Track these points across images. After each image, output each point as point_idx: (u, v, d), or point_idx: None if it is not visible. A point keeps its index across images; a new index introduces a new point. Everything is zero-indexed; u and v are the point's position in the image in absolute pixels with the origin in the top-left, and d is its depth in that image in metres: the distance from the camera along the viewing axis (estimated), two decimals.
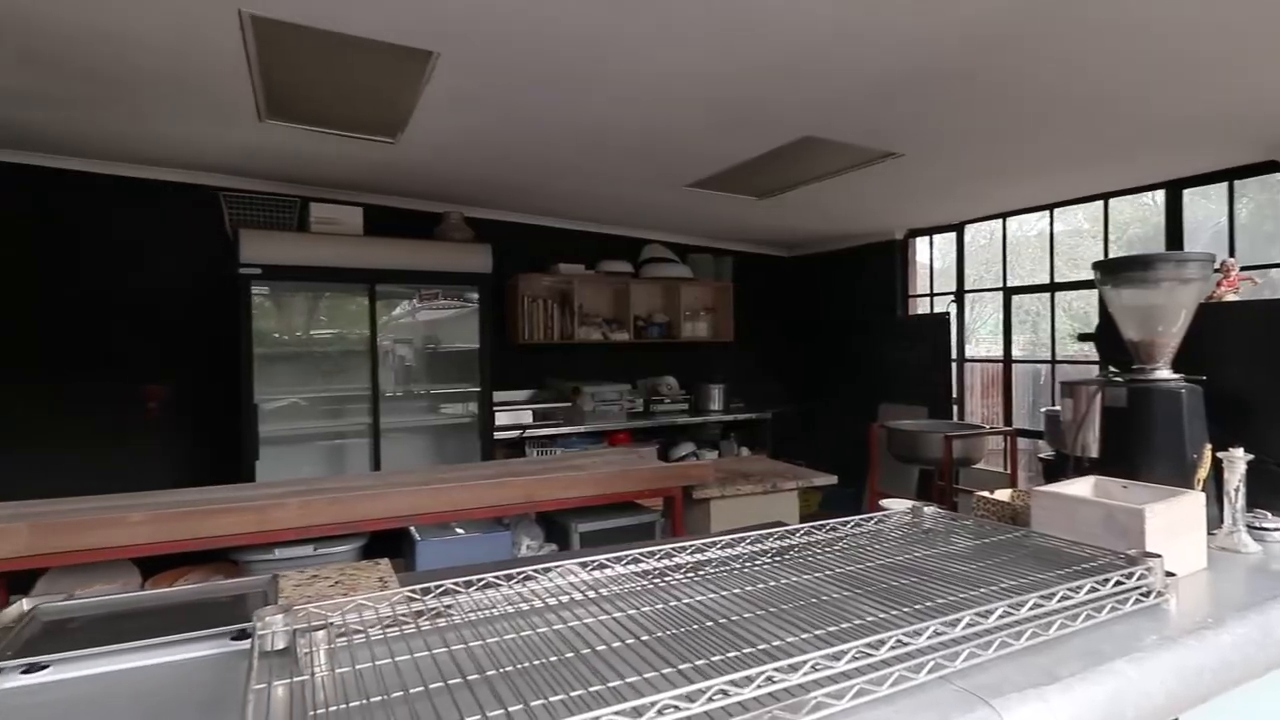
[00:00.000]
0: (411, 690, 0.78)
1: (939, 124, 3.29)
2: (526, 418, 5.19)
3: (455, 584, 1.04)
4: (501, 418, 4.95)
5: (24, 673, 0.95)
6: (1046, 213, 4.98)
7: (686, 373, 6.15)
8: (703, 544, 1.23)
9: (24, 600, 1.08)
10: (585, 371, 5.74)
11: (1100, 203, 4.59)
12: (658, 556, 1.18)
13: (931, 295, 5.91)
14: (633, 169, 4.20)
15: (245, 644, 1.04)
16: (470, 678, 0.80)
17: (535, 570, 1.14)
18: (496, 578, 1.07)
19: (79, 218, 4.18)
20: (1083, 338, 2.05)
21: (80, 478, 4.00)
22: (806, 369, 6.79)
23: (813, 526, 1.35)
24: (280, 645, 0.91)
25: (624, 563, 1.16)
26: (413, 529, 2.71)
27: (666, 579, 1.13)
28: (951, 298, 5.65)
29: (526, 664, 0.84)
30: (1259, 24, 2.32)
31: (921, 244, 5.99)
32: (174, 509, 2.10)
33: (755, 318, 6.58)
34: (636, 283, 5.84)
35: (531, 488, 2.48)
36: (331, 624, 0.93)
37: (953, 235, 5.66)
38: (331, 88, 3.01)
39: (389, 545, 2.90)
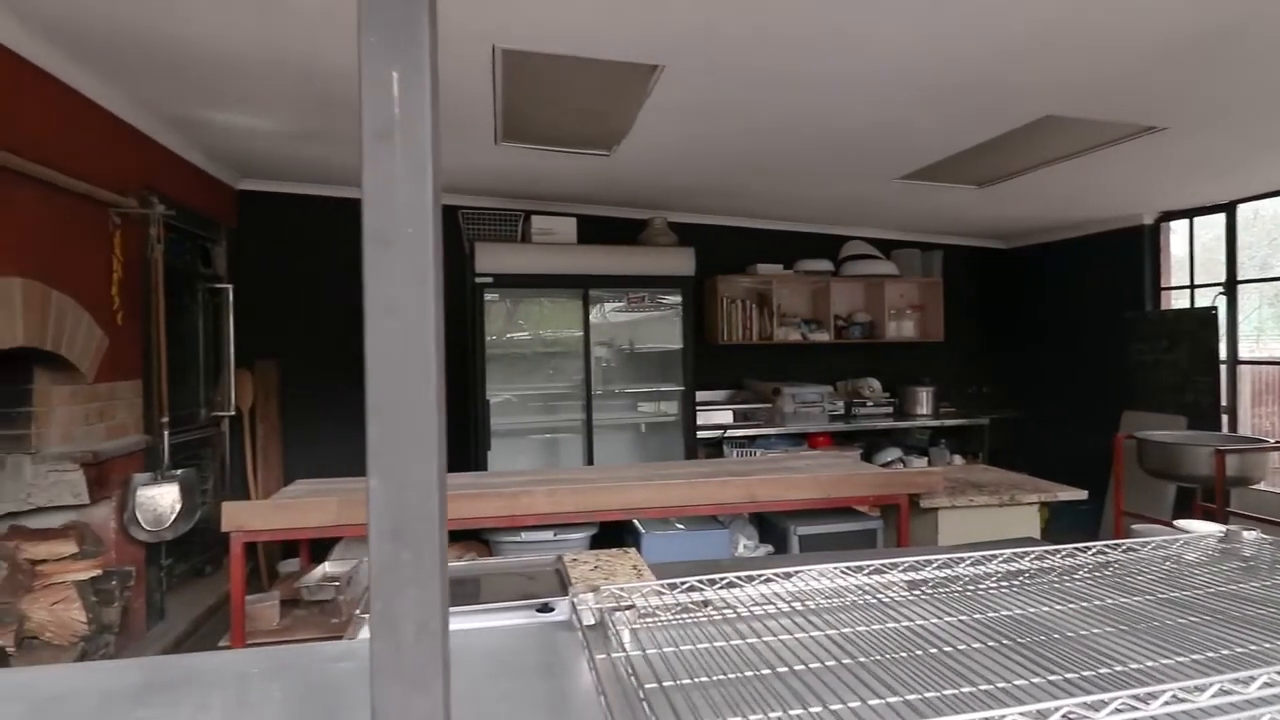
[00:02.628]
0: (729, 675, 0.82)
1: (1214, 90, 2.86)
2: (726, 418, 5.25)
3: (738, 578, 1.08)
4: (700, 417, 5.04)
5: None
6: None
7: (891, 374, 5.86)
8: (983, 556, 1.17)
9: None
10: (783, 372, 5.67)
11: None
12: (935, 565, 1.14)
13: (1192, 286, 5.12)
14: (841, 165, 4.09)
15: (549, 616, 1.16)
16: (780, 670, 0.83)
17: (804, 570, 1.15)
18: (775, 574, 1.10)
19: (350, 236, 4.87)
20: None
21: (342, 461, 4.65)
22: (1029, 371, 6.19)
23: (1105, 546, 1.23)
24: (591, 621, 1.00)
25: (901, 569, 1.13)
26: (637, 521, 2.85)
27: (941, 591, 1.09)
28: (1219, 289, 4.86)
29: (827, 663, 0.86)
30: None
31: (1177, 227, 5.22)
32: None
33: (968, 315, 6.12)
34: (837, 281, 5.67)
35: (753, 487, 2.50)
36: (634, 606, 1.01)
37: (1220, 217, 4.87)
38: (561, 109, 3.24)
39: (613, 536, 3.07)
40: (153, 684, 0.88)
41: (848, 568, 1.14)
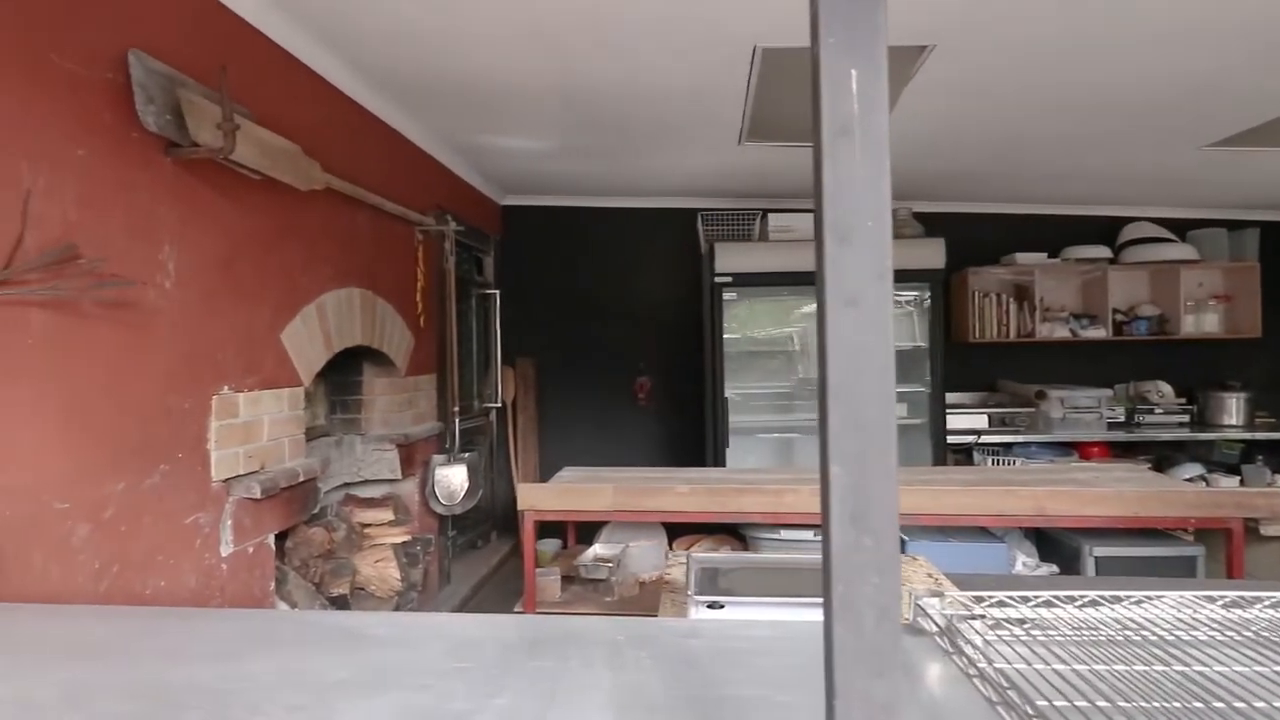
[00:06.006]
0: (1128, 704, 0.74)
1: None
2: (977, 422, 4.83)
3: (1101, 596, 0.98)
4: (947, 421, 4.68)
5: (709, 607, 1.19)
6: None
7: (1186, 377, 5.00)
8: None
9: (693, 554, 1.36)
10: (1046, 374, 5.08)
11: None
12: None
13: None
14: (1131, 136, 3.57)
15: None
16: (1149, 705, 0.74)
17: (1165, 595, 1.01)
18: (1147, 596, 0.98)
19: (597, 243, 5.25)
20: None
21: (592, 450, 4.99)
22: None
23: None
24: (939, 627, 0.96)
25: None
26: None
27: None
28: None
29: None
30: None
31: None
32: (706, 485, 2.46)
33: None
34: (1115, 269, 4.96)
35: (1041, 499, 2.27)
36: (984, 616, 0.95)
37: None
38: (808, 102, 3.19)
39: None
40: (538, 639, 1.01)
41: (1240, 598, 0.98)
